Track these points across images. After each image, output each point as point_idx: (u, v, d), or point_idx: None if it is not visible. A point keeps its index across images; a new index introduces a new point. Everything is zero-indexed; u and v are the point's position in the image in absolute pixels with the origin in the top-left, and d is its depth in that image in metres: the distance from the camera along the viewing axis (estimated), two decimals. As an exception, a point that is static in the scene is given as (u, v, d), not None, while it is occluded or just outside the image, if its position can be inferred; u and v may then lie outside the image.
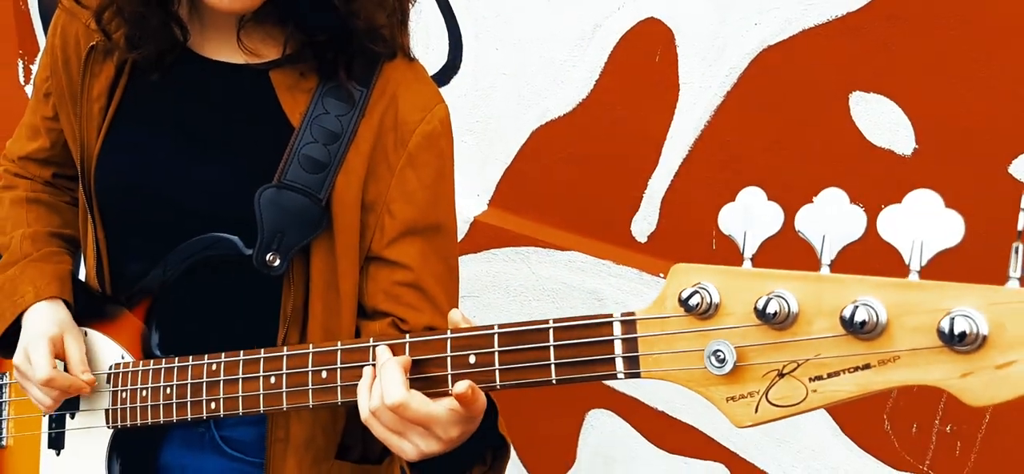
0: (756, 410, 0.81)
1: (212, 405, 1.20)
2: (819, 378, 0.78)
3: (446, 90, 2.11)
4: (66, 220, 1.52)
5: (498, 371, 0.98)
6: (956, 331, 0.70)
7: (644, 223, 2.05)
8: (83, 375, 1.32)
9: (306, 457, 1.33)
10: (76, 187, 1.46)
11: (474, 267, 2.26)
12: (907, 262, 0.75)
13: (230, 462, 1.39)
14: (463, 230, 2.27)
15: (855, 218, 0.77)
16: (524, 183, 2.21)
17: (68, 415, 1.39)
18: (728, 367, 0.82)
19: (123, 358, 1.34)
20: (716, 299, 0.83)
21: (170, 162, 1.29)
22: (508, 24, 2.14)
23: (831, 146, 1.79)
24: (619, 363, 0.90)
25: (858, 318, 0.75)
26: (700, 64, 1.90)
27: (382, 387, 1.00)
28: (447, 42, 2.24)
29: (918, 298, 0.74)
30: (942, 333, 0.71)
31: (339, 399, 1.09)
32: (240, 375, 1.18)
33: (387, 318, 1.29)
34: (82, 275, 1.47)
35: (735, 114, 1.89)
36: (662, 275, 1.99)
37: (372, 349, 1.06)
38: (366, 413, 1.03)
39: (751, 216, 0.83)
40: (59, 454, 1.41)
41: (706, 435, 2.04)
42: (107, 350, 1.36)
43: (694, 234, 1.96)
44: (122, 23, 1.27)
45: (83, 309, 1.39)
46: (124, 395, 1.31)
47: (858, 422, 1.85)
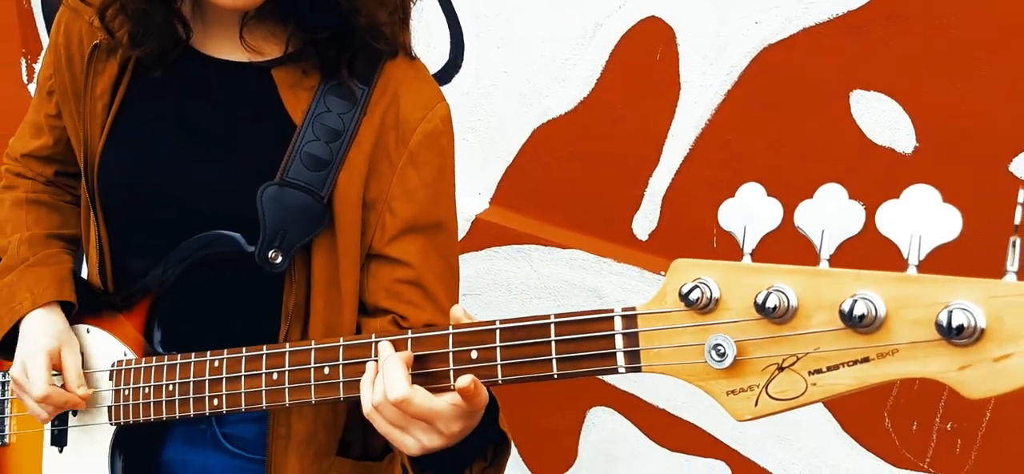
0: (756, 404, 0.82)
1: (214, 402, 1.21)
2: (818, 371, 0.79)
3: (447, 88, 2.12)
4: (66, 220, 1.53)
5: (500, 366, 0.98)
6: (954, 324, 0.71)
7: (645, 221, 2.05)
8: (79, 390, 1.32)
9: (308, 454, 1.33)
10: (78, 185, 1.47)
11: (475, 265, 2.26)
12: (905, 256, 0.75)
13: (232, 459, 1.39)
14: (464, 228, 2.27)
15: (854, 213, 0.78)
16: (525, 181, 2.21)
17: (70, 412, 1.39)
18: (728, 361, 0.82)
19: (125, 355, 1.34)
20: (716, 294, 0.84)
21: (173, 159, 1.30)
22: (509, 23, 2.15)
23: (832, 144, 1.79)
24: (620, 357, 0.91)
25: (857, 312, 0.75)
26: (701, 63, 1.90)
27: (385, 382, 1.01)
28: (449, 40, 2.25)
29: (916, 292, 0.74)
30: (940, 326, 0.72)
31: (341, 395, 1.10)
32: (242, 372, 1.18)
33: (388, 315, 1.29)
34: (84, 273, 1.47)
35: (736, 113, 1.89)
36: (663, 273, 1.98)
37: (374, 345, 1.07)
38: (369, 408, 1.03)
39: (751, 212, 0.83)
40: (62, 451, 1.41)
41: (707, 433, 2.04)
42: (109, 347, 1.36)
43: (695, 232, 1.96)
44: (125, 21, 1.28)
45: (85, 306, 1.39)
46: (126, 392, 1.31)
47: (859, 420, 1.85)
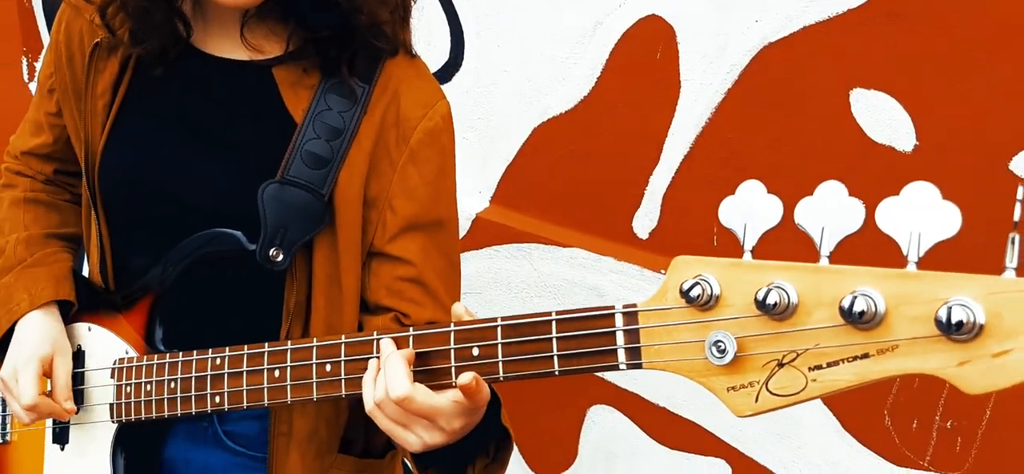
0: (756, 400, 0.82)
1: (216, 399, 1.21)
2: (818, 367, 0.79)
3: (448, 87, 2.12)
4: (65, 219, 1.53)
5: (501, 363, 0.98)
6: (953, 320, 0.71)
7: (645, 220, 2.05)
8: (65, 403, 1.32)
9: (309, 451, 1.33)
10: (78, 183, 1.47)
11: (476, 264, 2.26)
12: (905, 253, 0.75)
13: (233, 456, 1.40)
14: (465, 227, 2.27)
15: (853, 210, 0.78)
16: (526, 180, 2.21)
17: (68, 419, 1.39)
18: (729, 357, 0.83)
19: (127, 353, 1.34)
20: (717, 290, 0.84)
21: (174, 158, 1.30)
22: (510, 21, 2.15)
23: (832, 143, 1.79)
24: (621, 354, 0.91)
25: (857, 308, 0.75)
26: (701, 61, 1.91)
27: (387, 380, 1.01)
28: (449, 39, 2.25)
29: (916, 288, 0.74)
30: (940, 322, 0.72)
31: (343, 392, 1.10)
32: (244, 369, 1.18)
33: (389, 313, 1.29)
34: (85, 271, 1.47)
35: (736, 111, 1.89)
36: (663, 271, 1.98)
37: (376, 342, 1.07)
38: (371, 405, 1.04)
39: (751, 209, 0.83)
40: (63, 449, 1.41)
41: (708, 431, 2.04)
42: (110, 345, 1.36)
43: (695, 231, 1.96)
44: (126, 19, 1.28)
45: (86, 304, 1.39)
46: (128, 390, 1.31)
47: (859, 418, 1.85)
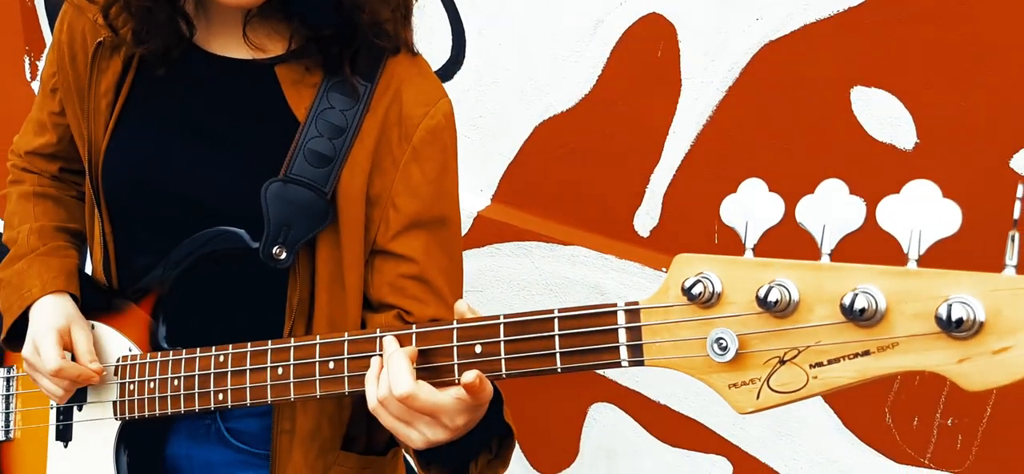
0: (758, 396, 0.82)
1: (220, 396, 1.21)
2: (819, 364, 0.79)
3: (449, 85, 2.12)
4: (72, 214, 1.54)
5: (504, 360, 0.99)
6: (953, 317, 0.71)
7: (646, 218, 2.06)
8: (91, 364, 1.33)
9: (312, 448, 1.34)
10: (82, 182, 1.47)
11: (477, 262, 2.27)
12: (906, 251, 0.76)
13: (236, 454, 1.40)
14: (466, 225, 2.27)
15: (854, 208, 0.79)
16: (527, 178, 2.22)
17: (76, 407, 1.40)
18: (730, 354, 0.83)
19: (130, 351, 1.35)
20: (718, 288, 0.84)
21: (177, 157, 1.31)
22: (511, 20, 2.15)
23: (833, 141, 1.79)
24: (623, 351, 0.92)
25: (858, 305, 0.76)
26: (702, 59, 1.91)
27: (390, 378, 1.01)
28: (450, 38, 2.25)
29: (917, 286, 0.75)
30: (940, 319, 0.72)
31: (346, 389, 1.10)
32: (248, 366, 1.19)
33: (392, 311, 1.30)
34: (88, 269, 1.48)
35: (737, 109, 1.89)
36: (664, 269, 1.99)
37: (379, 340, 1.07)
38: (374, 403, 1.04)
39: (752, 207, 0.84)
40: (67, 446, 1.42)
41: (709, 428, 2.04)
42: (114, 343, 1.37)
43: (696, 229, 1.96)
44: (129, 18, 1.28)
45: (90, 303, 1.40)
46: (132, 387, 1.32)
47: (859, 415, 1.86)
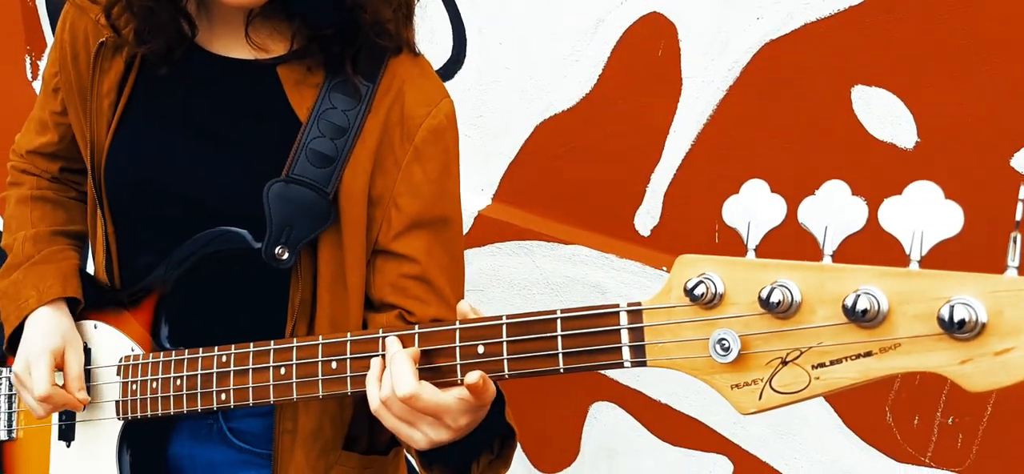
0: (760, 397, 0.83)
1: (222, 396, 1.22)
2: (822, 365, 0.80)
3: (450, 85, 2.12)
4: (72, 216, 1.53)
5: (506, 361, 0.99)
6: (956, 319, 0.72)
7: (647, 217, 2.06)
8: (78, 394, 1.34)
9: (314, 448, 1.34)
10: (83, 181, 1.47)
11: (478, 261, 2.27)
12: (908, 252, 0.76)
13: (238, 453, 1.40)
14: (467, 224, 2.27)
15: (856, 209, 0.79)
16: (528, 177, 2.22)
17: (81, 409, 1.40)
18: (732, 355, 0.83)
19: (132, 351, 1.35)
20: (721, 289, 0.85)
21: (179, 157, 1.31)
22: (511, 19, 2.15)
23: (833, 140, 1.79)
24: (625, 352, 0.92)
25: (860, 306, 0.76)
26: (703, 58, 1.91)
27: (392, 378, 1.02)
28: (451, 37, 2.25)
29: (919, 287, 0.75)
30: (942, 321, 0.73)
31: (349, 389, 1.10)
32: (250, 366, 1.19)
33: (394, 310, 1.30)
34: (90, 268, 1.48)
35: (738, 108, 1.89)
36: (665, 269, 1.99)
37: (381, 340, 1.07)
38: (376, 403, 1.04)
39: (754, 208, 0.84)
40: (69, 446, 1.42)
41: (709, 427, 2.04)
42: (116, 343, 1.37)
43: (697, 228, 1.97)
44: (131, 18, 1.28)
45: (92, 302, 1.40)
46: (134, 387, 1.32)
47: (860, 414, 1.86)
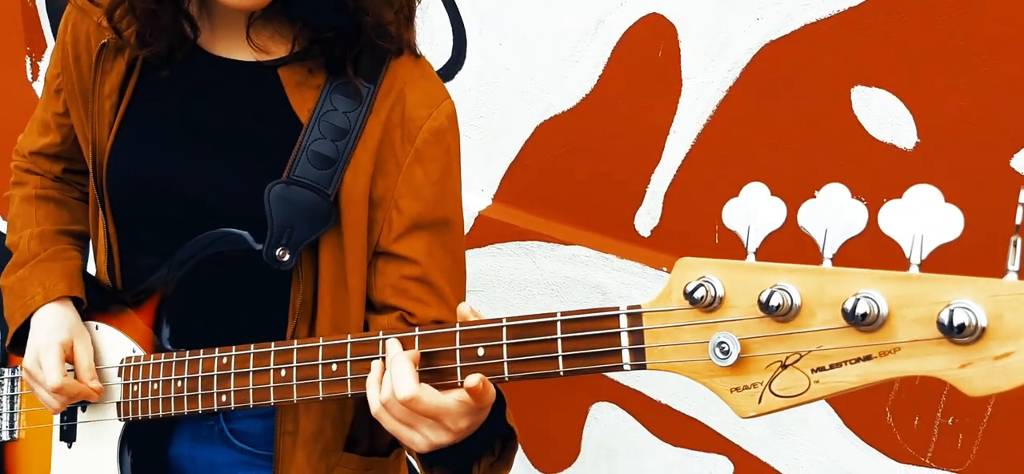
0: (760, 401, 0.83)
1: (223, 398, 1.22)
2: (821, 369, 0.80)
3: (450, 85, 2.12)
4: (75, 216, 1.54)
5: (506, 363, 0.99)
6: (955, 323, 0.72)
7: (647, 217, 2.06)
8: (91, 382, 1.34)
9: (315, 449, 1.34)
10: (86, 182, 1.48)
11: (479, 262, 2.27)
12: (907, 255, 0.76)
13: (239, 454, 1.41)
14: (468, 225, 2.28)
15: (856, 213, 0.79)
16: (528, 178, 2.22)
17: (80, 408, 1.40)
18: (732, 359, 0.83)
19: (134, 352, 1.35)
20: (720, 292, 0.85)
21: (180, 159, 1.31)
22: (512, 19, 2.15)
23: (833, 140, 1.79)
24: (625, 355, 0.92)
25: (859, 310, 0.76)
26: (702, 59, 1.91)
27: (393, 381, 1.02)
28: (451, 38, 2.25)
29: (918, 290, 0.75)
30: (942, 325, 0.73)
31: (349, 391, 1.11)
32: (251, 368, 1.19)
33: (395, 312, 1.30)
34: (91, 269, 1.48)
35: (738, 109, 1.89)
36: (665, 269, 2.00)
37: (382, 342, 1.08)
38: (377, 406, 1.04)
39: (754, 211, 0.84)
40: (71, 446, 1.42)
41: (710, 428, 2.04)
42: (118, 344, 1.37)
43: (697, 228, 1.97)
44: (133, 20, 1.29)
45: (94, 303, 1.40)
46: (135, 388, 1.32)
47: (860, 415, 1.86)
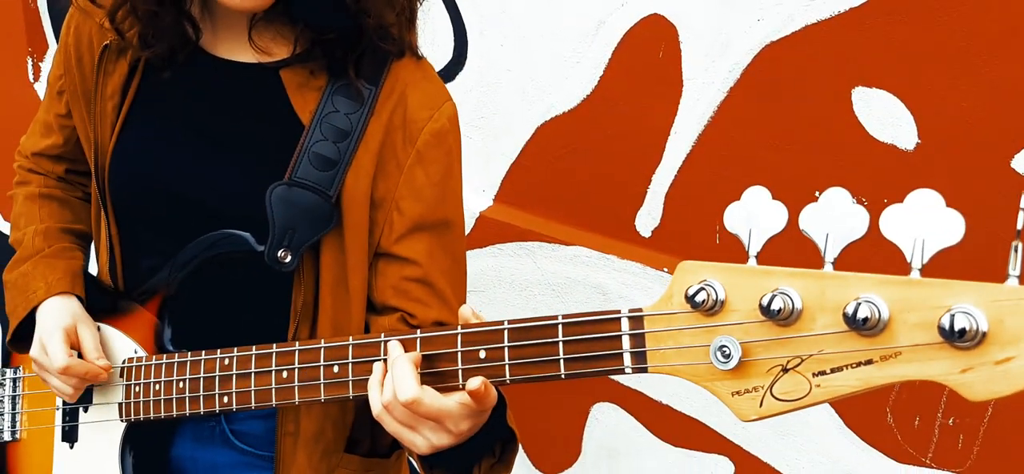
0: (761, 404, 0.83)
1: (225, 399, 1.22)
2: (822, 373, 0.80)
3: (451, 86, 2.12)
4: (78, 216, 1.54)
5: (508, 366, 0.99)
6: (956, 327, 0.72)
7: (648, 218, 2.06)
8: (98, 360, 1.33)
9: (316, 450, 1.34)
10: (88, 183, 1.48)
11: (480, 262, 2.27)
12: (909, 260, 0.76)
13: (241, 455, 1.41)
14: (469, 225, 2.28)
15: (858, 217, 0.79)
16: (529, 178, 2.22)
17: (82, 409, 1.41)
18: (733, 362, 0.83)
19: (136, 353, 1.35)
20: (722, 296, 0.85)
21: (182, 160, 1.31)
22: (513, 20, 2.15)
23: (834, 141, 1.79)
24: (627, 358, 0.92)
25: (860, 315, 0.76)
26: (703, 60, 1.91)
27: (395, 383, 1.02)
28: (452, 38, 2.25)
29: (919, 295, 0.75)
30: (943, 329, 0.73)
31: (351, 393, 1.11)
32: (252, 369, 1.19)
33: (396, 313, 1.30)
34: (93, 270, 1.48)
35: (738, 110, 1.89)
36: (666, 270, 2.00)
37: (383, 344, 1.08)
38: (378, 408, 1.04)
39: (755, 215, 0.84)
40: (73, 447, 1.43)
41: (710, 428, 2.05)
42: (120, 345, 1.37)
43: (698, 229, 1.97)
44: (135, 22, 1.29)
45: (96, 304, 1.41)
46: (137, 389, 1.32)
47: (861, 416, 1.86)
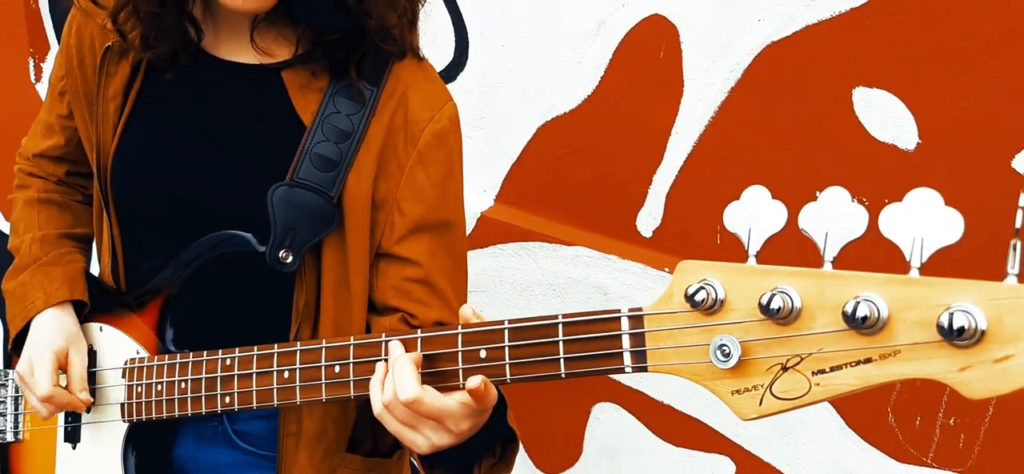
0: (760, 403, 0.83)
1: (226, 400, 1.22)
2: (822, 372, 0.80)
3: (452, 87, 2.12)
4: (78, 219, 1.54)
5: (508, 365, 0.99)
6: (955, 326, 0.72)
7: (649, 218, 2.06)
8: (81, 394, 1.35)
9: (317, 450, 1.34)
10: (89, 185, 1.48)
11: (481, 262, 2.27)
12: (908, 258, 0.76)
13: (243, 455, 1.41)
14: (470, 226, 2.28)
15: (857, 216, 0.79)
16: (530, 179, 2.22)
17: (84, 409, 1.41)
18: (733, 361, 0.84)
19: (138, 353, 1.35)
20: (721, 295, 0.85)
21: (184, 161, 1.31)
22: (514, 21, 2.15)
23: (834, 141, 1.80)
24: (627, 357, 0.92)
25: (860, 313, 0.76)
26: (704, 60, 1.91)
27: (395, 383, 1.02)
28: (453, 39, 2.26)
29: (918, 294, 0.75)
30: (942, 328, 0.73)
31: (352, 393, 1.11)
32: (254, 370, 1.20)
33: (397, 314, 1.30)
34: (95, 271, 1.49)
35: (739, 110, 1.90)
36: (667, 269, 2.00)
37: (384, 344, 1.08)
38: (379, 407, 1.05)
39: (755, 214, 0.84)
40: (75, 448, 1.43)
41: (711, 428, 2.05)
42: (122, 346, 1.38)
43: (699, 229, 1.97)
44: (137, 23, 1.29)
45: (98, 305, 1.41)
46: (139, 390, 1.33)
47: (862, 415, 1.86)
